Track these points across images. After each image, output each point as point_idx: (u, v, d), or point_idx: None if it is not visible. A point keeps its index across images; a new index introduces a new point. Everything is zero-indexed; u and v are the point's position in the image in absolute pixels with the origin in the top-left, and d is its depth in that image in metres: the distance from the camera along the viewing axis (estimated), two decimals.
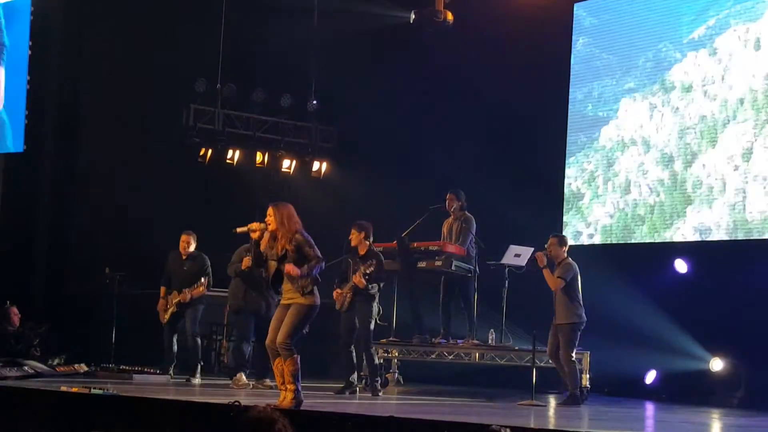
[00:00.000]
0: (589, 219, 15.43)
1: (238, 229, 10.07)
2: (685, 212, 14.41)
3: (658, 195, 14.78)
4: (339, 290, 12.48)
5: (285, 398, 9.49)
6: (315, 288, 9.63)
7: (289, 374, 9.48)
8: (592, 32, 15.88)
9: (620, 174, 15.28)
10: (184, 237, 13.88)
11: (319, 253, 9.60)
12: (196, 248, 13.88)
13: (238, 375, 12.97)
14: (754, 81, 13.94)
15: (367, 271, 12.19)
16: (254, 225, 9.83)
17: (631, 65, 15.33)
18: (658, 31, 15.02)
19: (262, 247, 9.74)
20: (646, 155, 15.00)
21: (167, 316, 13.80)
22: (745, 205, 13.81)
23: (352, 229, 12.37)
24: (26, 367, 12.80)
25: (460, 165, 15.58)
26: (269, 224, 9.65)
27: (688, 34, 14.68)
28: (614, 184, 15.34)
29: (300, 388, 9.53)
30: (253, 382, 12.91)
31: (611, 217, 15.32)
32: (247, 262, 12.38)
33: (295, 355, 9.53)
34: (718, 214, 14.02)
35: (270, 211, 9.63)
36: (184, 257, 13.87)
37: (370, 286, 12.32)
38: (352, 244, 12.40)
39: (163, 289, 13.94)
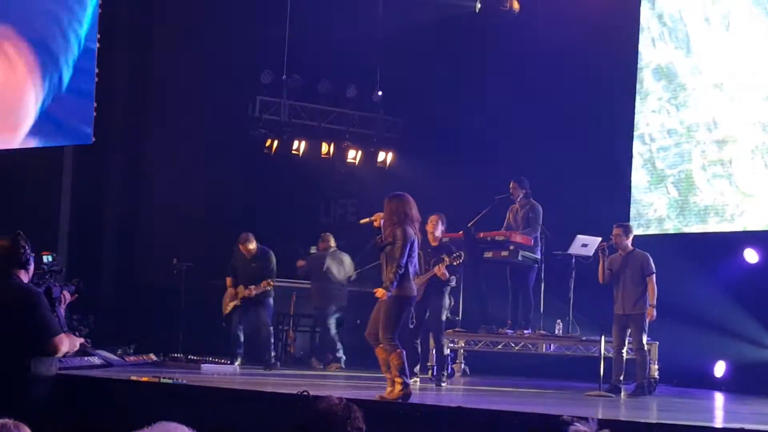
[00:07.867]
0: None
1: (362, 221, 10.26)
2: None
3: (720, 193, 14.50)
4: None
5: (393, 390, 9.51)
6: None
7: (395, 368, 9.51)
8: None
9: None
10: (241, 247, 13.97)
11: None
12: (257, 246, 13.97)
13: None
14: None
15: (455, 263, 12.19)
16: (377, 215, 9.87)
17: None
18: None
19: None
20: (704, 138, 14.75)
21: (230, 308, 13.91)
22: None
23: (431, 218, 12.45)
24: (96, 357, 12.91)
25: (526, 154, 15.47)
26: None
27: None
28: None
29: (408, 382, 9.55)
30: None
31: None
32: None
33: (399, 350, 9.56)
34: None
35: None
36: (248, 257, 13.95)
37: (451, 277, 12.31)
38: (431, 232, 12.43)
39: (229, 279, 14.07)
